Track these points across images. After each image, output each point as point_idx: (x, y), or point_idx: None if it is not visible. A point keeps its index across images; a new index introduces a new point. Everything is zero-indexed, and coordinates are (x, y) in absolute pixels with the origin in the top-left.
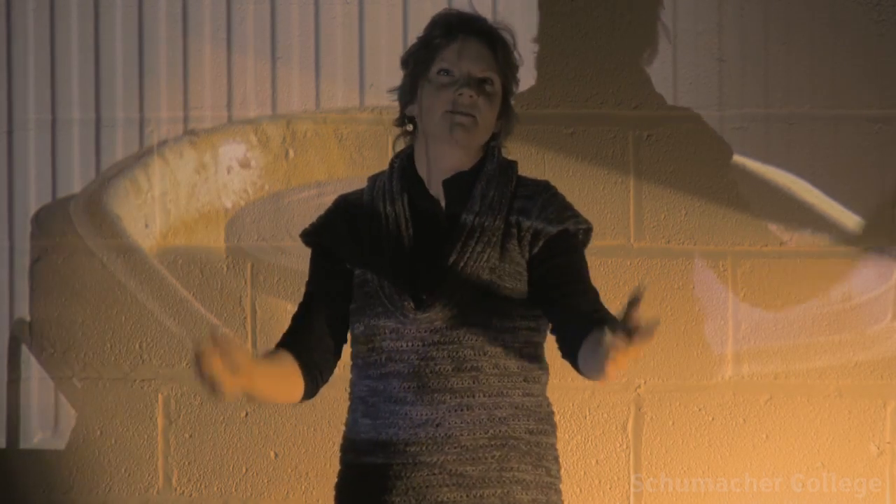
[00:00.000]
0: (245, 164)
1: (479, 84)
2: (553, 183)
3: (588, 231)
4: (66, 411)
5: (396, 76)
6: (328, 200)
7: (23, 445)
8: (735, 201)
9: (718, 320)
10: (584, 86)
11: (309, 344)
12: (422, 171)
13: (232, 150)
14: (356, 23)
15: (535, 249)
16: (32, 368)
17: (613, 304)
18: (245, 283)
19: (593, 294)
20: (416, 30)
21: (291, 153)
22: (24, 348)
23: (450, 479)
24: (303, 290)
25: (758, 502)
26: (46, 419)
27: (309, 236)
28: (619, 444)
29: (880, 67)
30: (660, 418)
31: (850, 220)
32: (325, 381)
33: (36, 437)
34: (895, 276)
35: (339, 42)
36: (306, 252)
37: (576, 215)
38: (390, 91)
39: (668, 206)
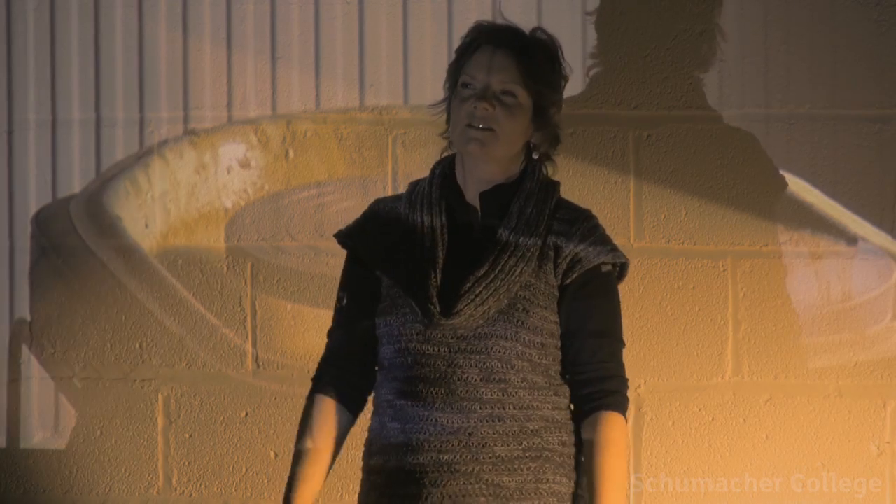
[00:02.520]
0: (245, 164)
1: (497, 96)
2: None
3: (624, 266)
4: (66, 411)
5: (396, 76)
6: (328, 200)
7: (23, 445)
8: (735, 201)
9: (718, 320)
10: (584, 86)
11: (351, 370)
12: (460, 180)
13: (232, 150)
14: (356, 23)
15: (569, 279)
16: (32, 368)
17: None
18: (245, 283)
19: (607, 347)
20: (417, 30)
21: (291, 153)
22: (24, 348)
23: (486, 490)
24: (303, 289)
25: (758, 502)
26: (46, 419)
27: (342, 238)
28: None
29: (880, 67)
30: (660, 418)
31: (850, 220)
32: (368, 393)
33: (36, 437)
34: (895, 276)
35: (339, 42)
36: (306, 252)
37: (613, 250)
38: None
39: (668, 206)
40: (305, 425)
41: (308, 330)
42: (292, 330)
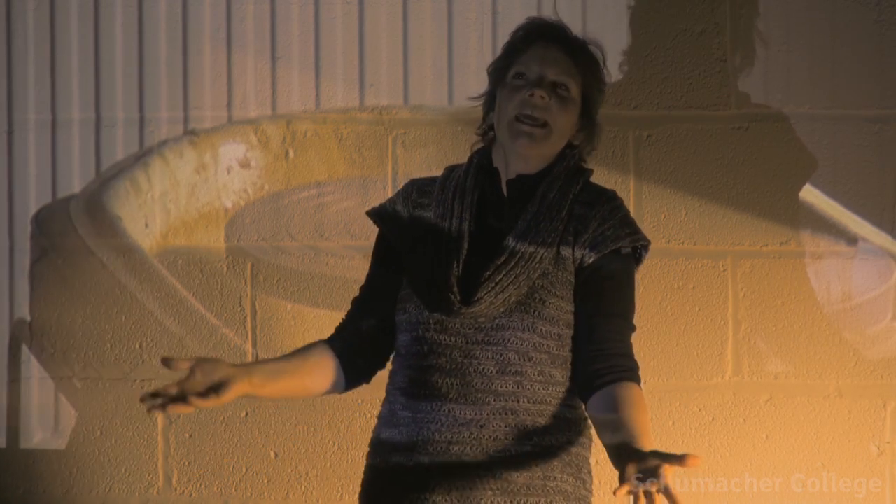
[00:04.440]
0: (245, 164)
1: (553, 87)
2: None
3: (644, 248)
4: (66, 411)
5: (396, 76)
6: (328, 200)
7: (23, 445)
8: (735, 201)
9: (718, 320)
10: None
11: (356, 336)
12: (499, 168)
13: (232, 150)
14: (356, 23)
15: (586, 264)
16: (32, 368)
17: None
18: (245, 283)
19: (620, 329)
20: (417, 30)
21: (291, 153)
22: (24, 348)
23: (494, 484)
24: (303, 289)
25: (758, 502)
26: (46, 419)
27: (374, 216)
28: None
29: (880, 67)
30: (660, 418)
31: (850, 220)
32: (372, 371)
33: (36, 437)
34: (895, 276)
35: (339, 42)
36: (306, 252)
37: (634, 233)
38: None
39: (668, 206)
40: (295, 351)
41: (308, 330)
42: (292, 330)
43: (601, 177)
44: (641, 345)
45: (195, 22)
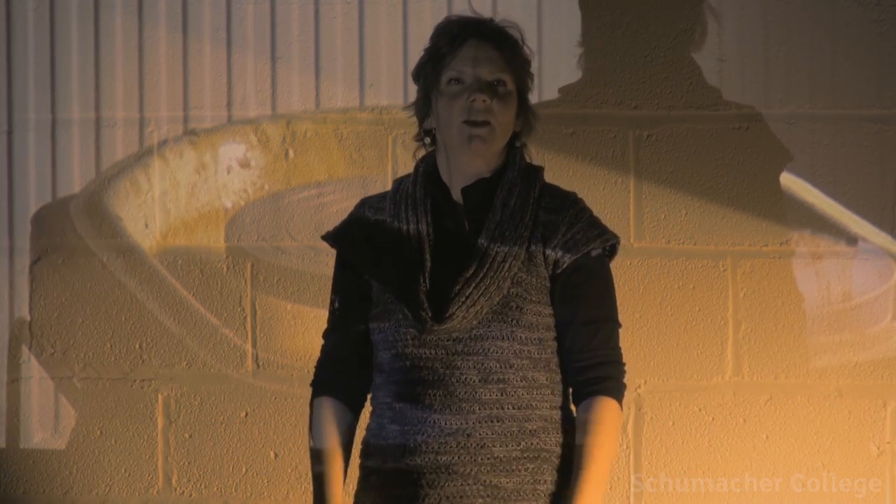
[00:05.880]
0: (245, 164)
1: (491, 87)
2: (554, 183)
3: (615, 246)
4: (66, 411)
5: (396, 76)
6: (328, 200)
7: (23, 445)
8: (735, 201)
9: (718, 320)
10: (584, 86)
11: (348, 371)
12: (445, 178)
13: (232, 150)
14: (356, 23)
15: (559, 269)
16: (32, 368)
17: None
18: (245, 283)
19: (604, 334)
20: (417, 30)
21: (291, 153)
22: (24, 348)
23: (484, 491)
24: (303, 289)
25: (758, 502)
26: (46, 419)
27: (329, 240)
28: (619, 445)
29: (880, 67)
30: (660, 418)
31: (850, 220)
32: (368, 390)
33: (36, 437)
34: (895, 276)
35: (339, 42)
36: (306, 252)
37: (603, 233)
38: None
39: (668, 206)
40: (318, 430)
41: (308, 330)
42: (292, 330)
43: (601, 177)
44: (641, 345)
45: (195, 22)
